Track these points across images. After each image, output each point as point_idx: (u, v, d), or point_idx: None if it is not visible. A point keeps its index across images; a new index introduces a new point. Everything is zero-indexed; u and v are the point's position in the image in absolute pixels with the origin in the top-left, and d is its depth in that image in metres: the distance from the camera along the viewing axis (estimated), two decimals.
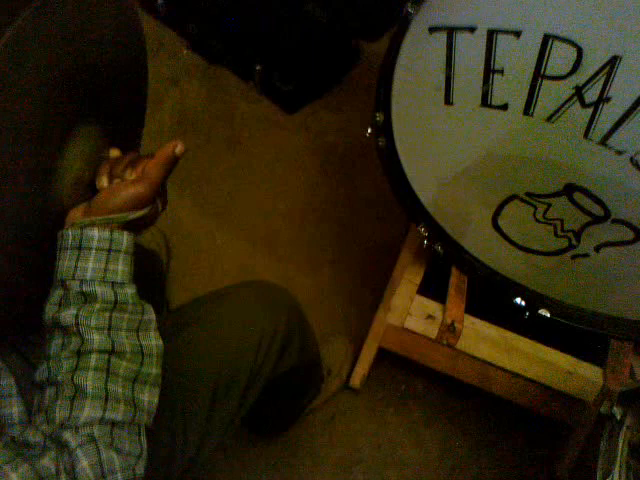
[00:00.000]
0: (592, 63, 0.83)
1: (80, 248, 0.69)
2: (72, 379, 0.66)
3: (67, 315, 0.67)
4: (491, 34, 0.86)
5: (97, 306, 0.68)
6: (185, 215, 1.70)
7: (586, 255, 1.05)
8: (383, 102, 1.04)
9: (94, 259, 0.69)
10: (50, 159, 0.68)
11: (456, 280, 1.23)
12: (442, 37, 0.90)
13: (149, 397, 0.71)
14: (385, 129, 1.07)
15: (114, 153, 0.77)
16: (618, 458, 0.77)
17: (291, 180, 1.80)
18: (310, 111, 1.91)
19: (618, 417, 0.82)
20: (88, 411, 0.64)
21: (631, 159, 0.87)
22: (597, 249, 1.03)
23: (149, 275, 1.40)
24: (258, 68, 1.83)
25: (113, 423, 0.66)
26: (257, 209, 1.74)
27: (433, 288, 1.27)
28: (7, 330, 0.76)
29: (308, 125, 1.90)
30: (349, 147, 1.86)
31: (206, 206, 1.72)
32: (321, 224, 1.73)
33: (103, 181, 0.74)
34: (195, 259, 1.64)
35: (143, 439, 0.69)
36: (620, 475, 0.76)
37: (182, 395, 0.88)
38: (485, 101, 0.93)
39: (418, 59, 0.96)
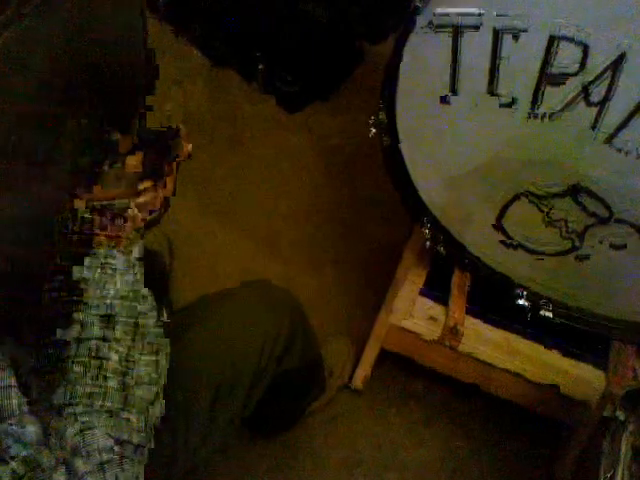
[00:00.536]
0: (598, 62, 0.83)
1: (104, 268, 0.70)
2: (92, 400, 0.66)
3: (90, 336, 0.68)
4: (496, 33, 0.86)
5: (117, 329, 0.69)
6: (187, 215, 1.69)
7: (589, 256, 1.05)
8: (388, 101, 1.04)
9: (117, 281, 0.70)
10: (49, 147, 0.67)
11: (458, 282, 1.23)
12: (448, 36, 0.90)
13: (158, 409, 0.72)
14: (389, 129, 1.07)
15: (114, 137, 0.76)
16: (621, 461, 0.77)
17: (294, 181, 1.79)
18: (313, 112, 1.91)
19: (622, 419, 0.82)
20: (102, 441, 0.65)
21: (637, 159, 0.87)
22: (600, 250, 1.02)
23: (152, 276, 1.39)
24: (261, 67, 1.82)
25: (127, 443, 0.66)
26: (259, 210, 1.74)
27: (436, 290, 1.27)
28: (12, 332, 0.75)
29: (311, 126, 1.89)
30: (352, 148, 1.86)
31: (208, 206, 1.72)
32: (324, 225, 1.73)
33: (105, 167, 0.73)
34: (197, 260, 1.64)
35: (147, 451, 0.70)
36: (622, 478, 0.76)
37: (184, 396, 0.88)
38: (490, 100, 0.93)
39: (423, 58, 0.96)
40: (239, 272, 1.62)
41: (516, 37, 0.86)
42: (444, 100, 0.97)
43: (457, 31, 0.89)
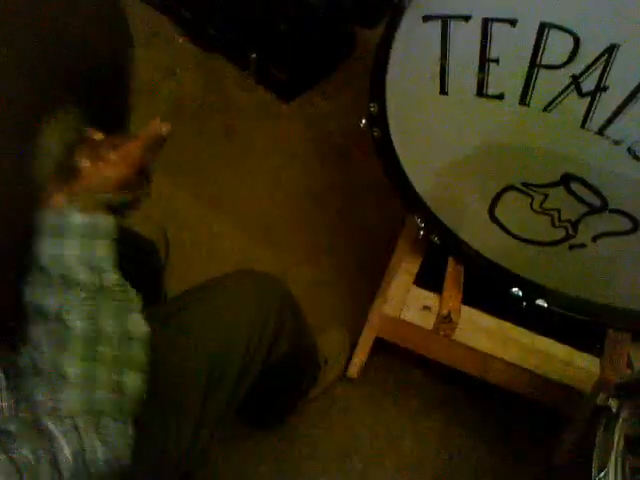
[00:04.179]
0: (589, 52, 0.82)
1: (62, 233, 0.67)
2: (55, 367, 0.64)
3: (49, 302, 0.65)
4: (486, 23, 0.85)
5: (80, 293, 0.66)
6: (181, 205, 1.69)
7: (583, 245, 1.05)
8: (378, 92, 1.03)
9: (76, 245, 0.67)
10: (31, 142, 0.65)
11: (452, 271, 1.22)
12: (437, 26, 0.89)
13: (135, 383, 0.69)
14: (380, 119, 1.06)
15: (97, 136, 0.74)
16: (613, 451, 0.77)
17: (288, 169, 1.79)
18: (306, 99, 1.90)
19: (614, 409, 0.81)
20: (72, 401, 0.63)
21: (628, 149, 0.87)
22: (594, 239, 1.02)
23: (147, 266, 1.39)
24: (253, 56, 1.81)
25: (98, 412, 0.64)
26: (254, 199, 1.73)
27: (430, 278, 1.27)
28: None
29: (304, 113, 1.88)
30: (346, 135, 1.85)
31: (203, 196, 1.71)
32: (318, 213, 1.72)
33: (85, 162, 0.71)
34: (192, 250, 1.63)
35: (130, 427, 0.68)
36: (615, 468, 0.76)
37: (174, 387, 0.88)
38: (481, 91, 0.92)
39: (413, 48, 0.96)
40: (234, 262, 1.62)
41: (505, 27, 0.85)
42: (434, 90, 0.96)
43: (446, 21, 0.89)
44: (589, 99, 0.85)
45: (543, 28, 0.82)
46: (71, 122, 0.72)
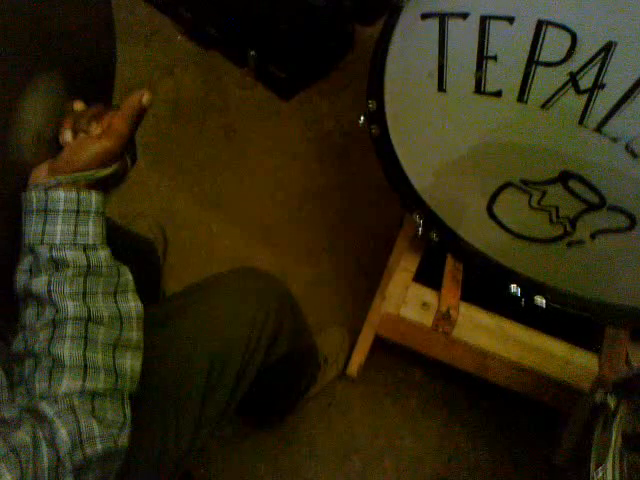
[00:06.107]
0: (587, 49, 0.82)
1: (46, 211, 0.66)
2: (49, 349, 0.63)
3: (39, 283, 0.65)
4: (484, 20, 0.85)
5: (69, 272, 0.66)
6: (180, 205, 1.69)
7: (582, 242, 1.04)
8: (376, 89, 1.03)
9: (62, 222, 0.66)
10: (7, 112, 0.63)
11: (451, 268, 1.22)
12: (434, 23, 0.89)
13: (131, 362, 0.69)
14: (378, 117, 1.06)
15: (77, 106, 0.73)
16: (611, 448, 0.77)
17: (287, 168, 1.79)
18: (305, 98, 1.90)
19: (612, 406, 0.81)
20: (67, 382, 0.62)
21: (626, 146, 0.87)
22: (592, 236, 1.02)
23: (145, 265, 1.39)
24: (252, 53, 1.81)
25: (94, 393, 0.64)
26: (253, 198, 1.73)
27: (430, 276, 1.26)
28: None
29: (303, 112, 1.89)
30: (345, 134, 1.85)
31: (202, 196, 1.72)
32: (318, 213, 1.72)
33: (67, 135, 0.70)
34: (191, 249, 1.64)
35: (127, 408, 0.67)
36: (613, 465, 0.75)
37: (173, 387, 0.88)
38: (479, 88, 0.92)
39: (410, 46, 0.95)
40: (233, 262, 1.62)
41: (503, 24, 0.85)
42: (432, 87, 0.96)
43: (444, 18, 0.89)
44: (587, 96, 0.85)
45: (540, 25, 0.82)
46: (52, 92, 0.70)
